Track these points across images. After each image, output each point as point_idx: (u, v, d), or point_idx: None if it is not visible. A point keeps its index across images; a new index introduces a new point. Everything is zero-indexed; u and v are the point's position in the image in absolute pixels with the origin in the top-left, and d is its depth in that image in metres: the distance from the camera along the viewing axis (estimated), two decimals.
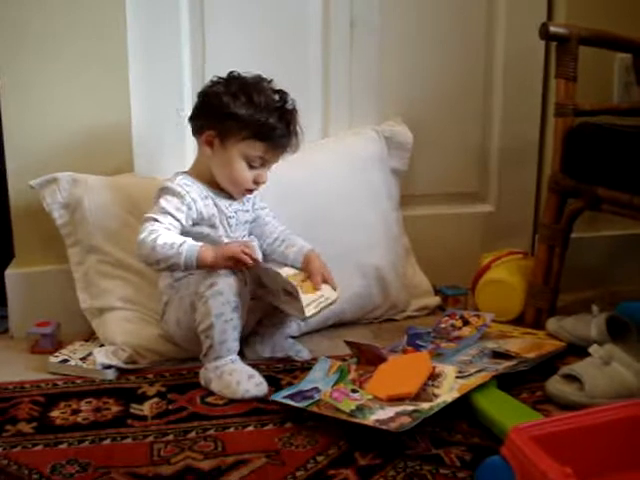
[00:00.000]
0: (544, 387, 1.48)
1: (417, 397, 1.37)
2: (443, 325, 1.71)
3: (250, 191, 1.62)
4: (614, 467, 1.06)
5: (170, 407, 1.45)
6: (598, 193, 1.67)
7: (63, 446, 1.31)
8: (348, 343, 1.56)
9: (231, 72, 1.60)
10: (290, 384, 1.53)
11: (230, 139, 1.55)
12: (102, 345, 1.67)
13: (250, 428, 1.37)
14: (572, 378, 1.47)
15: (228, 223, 1.61)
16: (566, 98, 1.74)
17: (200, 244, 1.51)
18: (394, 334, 1.69)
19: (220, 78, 1.59)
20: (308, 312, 1.52)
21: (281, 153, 1.59)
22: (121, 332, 1.65)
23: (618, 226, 2.09)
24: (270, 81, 1.60)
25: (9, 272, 1.80)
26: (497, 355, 1.57)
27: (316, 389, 1.43)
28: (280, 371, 1.60)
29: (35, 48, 1.71)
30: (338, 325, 1.81)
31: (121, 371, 1.59)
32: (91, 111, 1.76)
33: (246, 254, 1.49)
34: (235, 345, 1.53)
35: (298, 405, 1.38)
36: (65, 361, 1.61)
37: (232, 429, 1.37)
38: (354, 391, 1.40)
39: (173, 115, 1.76)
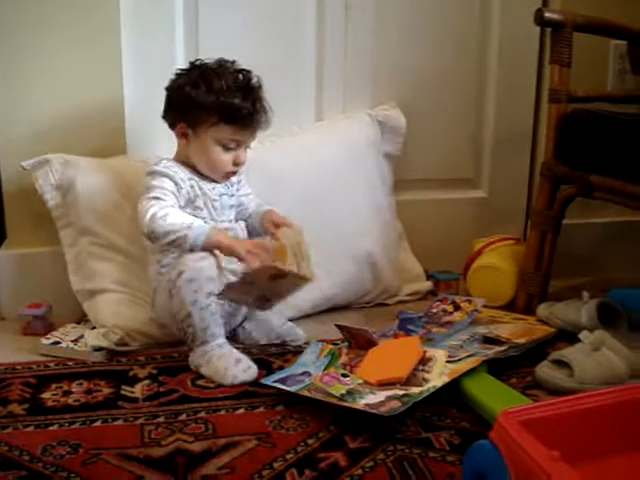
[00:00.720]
0: (534, 372, 1.48)
1: (407, 382, 1.37)
2: (434, 310, 1.72)
3: (232, 173, 1.63)
4: (602, 452, 1.07)
5: (161, 389, 1.46)
6: (591, 180, 1.68)
7: (54, 427, 1.32)
8: (339, 327, 1.57)
9: (192, 62, 1.61)
10: (281, 368, 1.54)
11: (201, 127, 1.56)
12: (94, 327, 1.66)
13: (241, 411, 1.38)
14: (561, 364, 1.48)
15: (213, 206, 1.61)
16: (560, 84, 1.74)
17: (210, 226, 1.53)
18: (386, 318, 1.69)
19: (182, 69, 1.60)
20: (307, 272, 1.52)
21: (253, 131, 1.59)
22: (112, 315, 1.65)
23: (610, 213, 2.10)
24: (233, 62, 1.60)
25: (1, 253, 1.80)
26: (488, 340, 1.58)
27: (307, 373, 1.44)
28: (272, 354, 1.60)
29: (26, 29, 1.70)
30: (330, 309, 1.82)
31: (112, 353, 1.59)
32: (83, 93, 1.75)
33: (253, 254, 1.50)
34: (219, 330, 1.52)
35: (289, 389, 1.38)
36: (56, 343, 1.61)
37: (223, 411, 1.37)
38: (345, 375, 1.41)
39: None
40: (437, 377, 1.38)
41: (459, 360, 1.45)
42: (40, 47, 1.72)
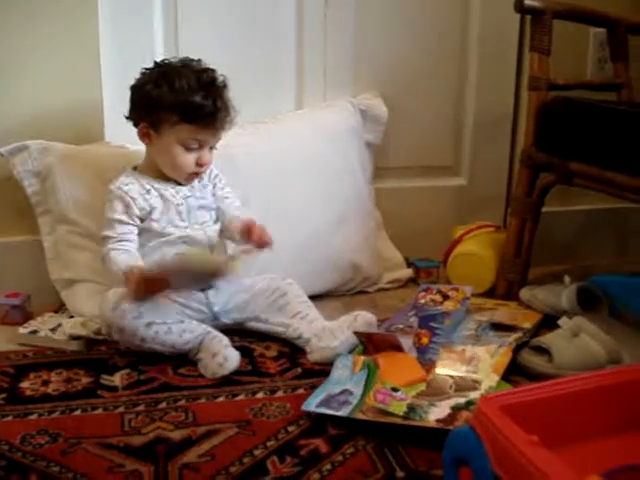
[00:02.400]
0: (514, 358, 1.49)
1: (458, 387, 1.34)
2: (422, 301, 1.68)
3: (195, 174, 1.60)
4: (581, 436, 1.08)
5: (141, 378, 1.45)
6: (570, 167, 1.68)
7: (33, 417, 1.31)
8: (356, 333, 1.51)
9: (157, 61, 1.59)
10: (262, 355, 1.54)
11: (162, 127, 1.54)
12: (72, 316, 1.66)
13: (221, 399, 1.37)
14: (541, 350, 1.49)
15: (178, 211, 1.59)
16: (540, 72, 1.75)
17: (126, 266, 1.49)
18: (366, 306, 1.69)
19: (146, 69, 1.58)
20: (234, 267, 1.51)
21: (215, 131, 1.56)
22: (89, 305, 1.64)
23: (590, 200, 2.11)
24: (198, 61, 1.58)
25: None
26: (498, 327, 1.58)
27: (348, 391, 1.33)
28: (253, 341, 1.60)
29: (3, 17, 1.67)
30: (310, 297, 1.82)
31: (92, 342, 1.58)
32: (62, 79, 1.73)
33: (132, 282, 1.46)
34: (184, 337, 1.50)
35: (339, 414, 1.28)
36: (34, 332, 1.60)
37: (203, 399, 1.37)
38: (395, 390, 1.31)
39: None
40: (487, 376, 1.36)
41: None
42: (20, 38, 1.69)
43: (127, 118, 1.59)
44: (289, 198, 1.80)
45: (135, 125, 1.58)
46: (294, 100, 1.97)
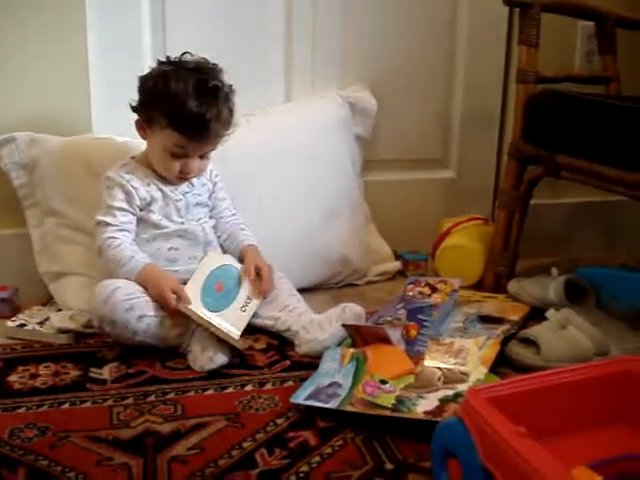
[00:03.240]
0: (502, 350, 1.50)
1: (447, 379, 1.34)
2: (410, 293, 1.69)
3: (183, 179, 1.59)
4: (569, 428, 1.08)
5: (130, 371, 1.45)
6: (558, 160, 1.69)
7: (21, 410, 1.31)
8: (345, 326, 1.50)
9: (169, 57, 1.56)
10: (250, 348, 1.54)
11: (154, 126, 1.53)
12: (60, 310, 1.65)
13: (210, 392, 1.38)
14: (529, 342, 1.50)
15: (176, 206, 1.59)
16: (528, 65, 1.75)
17: (142, 266, 1.50)
18: (354, 299, 1.69)
19: (160, 61, 1.56)
20: (236, 337, 1.49)
21: (202, 144, 1.53)
22: (78, 298, 1.64)
23: (577, 193, 2.12)
24: (213, 65, 1.54)
25: None
26: (485, 320, 1.58)
27: (336, 384, 1.33)
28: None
29: None
30: (299, 290, 1.82)
31: (80, 335, 1.58)
32: (49, 71, 1.72)
33: (174, 294, 1.47)
34: (176, 330, 1.50)
35: (328, 407, 1.28)
36: (22, 325, 1.59)
37: (192, 392, 1.37)
38: (383, 382, 1.31)
39: (132, 75, 1.74)
40: (475, 369, 1.36)
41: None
42: (7, 31, 1.68)
43: (131, 107, 1.57)
44: (278, 191, 1.80)
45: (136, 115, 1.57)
46: (283, 92, 1.97)
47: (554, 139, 1.71)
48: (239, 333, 1.50)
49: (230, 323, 1.50)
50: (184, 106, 1.48)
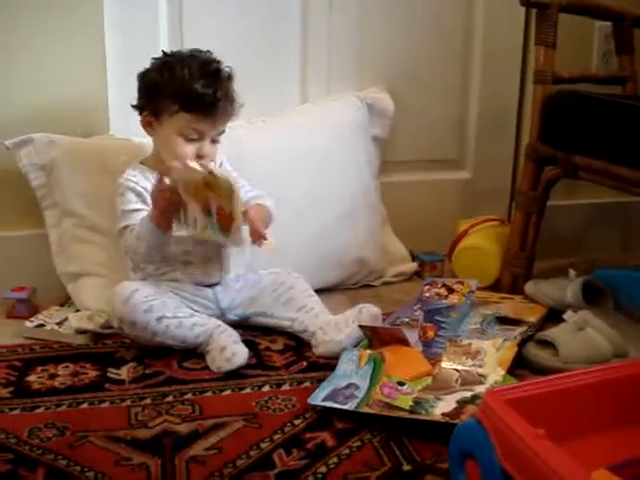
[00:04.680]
0: (520, 352, 1.49)
1: (464, 380, 1.34)
2: (427, 294, 1.69)
3: None
4: (587, 429, 1.08)
5: (147, 371, 1.46)
6: (575, 161, 1.68)
7: (40, 410, 1.31)
8: (362, 327, 1.50)
9: (165, 51, 1.59)
10: (267, 349, 1.54)
11: (163, 116, 1.53)
12: (78, 310, 1.66)
13: (227, 392, 1.38)
14: (547, 343, 1.49)
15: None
16: (545, 65, 1.74)
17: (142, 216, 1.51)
18: (371, 300, 1.69)
19: (154, 58, 1.57)
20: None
21: (215, 122, 1.54)
22: (95, 299, 1.65)
23: (595, 194, 2.11)
24: (207, 52, 1.57)
25: None
26: (503, 321, 1.58)
27: (353, 385, 1.33)
28: (258, 335, 1.60)
29: (5, 12, 1.67)
30: (315, 291, 1.82)
31: (98, 336, 1.58)
32: (67, 72, 1.73)
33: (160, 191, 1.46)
34: (195, 331, 1.50)
35: (345, 408, 1.28)
36: (41, 326, 1.60)
37: (209, 393, 1.38)
38: (401, 384, 1.31)
39: None
40: (493, 370, 1.36)
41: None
42: (25, 31, 1.69)
43: (133, 107, 1.58)
44: (295, 193, 1.80)
45: (140, 114, 1.58)
46: (299, 94, 1.97)
47: (571, 140, 1.70)
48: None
49: None
50: (192, 87, 1.50)
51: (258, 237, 1.49)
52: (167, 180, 1.46)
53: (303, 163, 1.83)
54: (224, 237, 1.46)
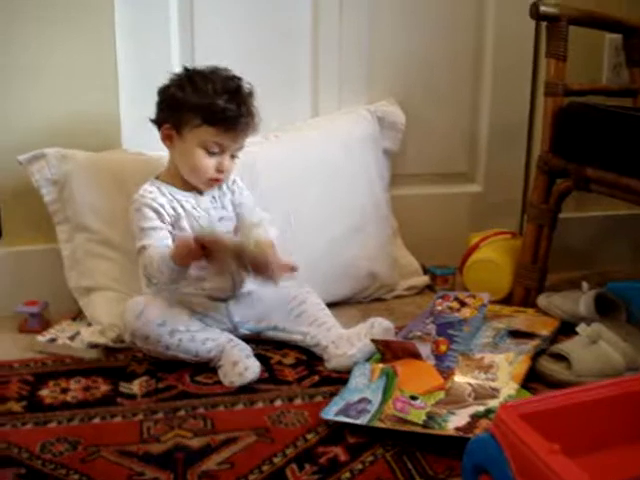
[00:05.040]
0: (533, 365, 1.48)
1: (477, 394, 1.34)
2: (439, 308, 1.68)
3: (215, 181, 1.59)
4: (602, 444, 1.07)
5: (159, 385, 1.45)
6: (587, 173, 1.68)
7: (53, 425, 1.31)
8: (374, 341, 1.50)
9: (186, 66, 1.60)
10: (279, 363, 1.54)
11: (185, 129, 1.54)
12: (90, 324, 1.66)
13: (239, 406, 1.38)
14: (560, 357, 1.48)
15: (199, 224, 1.59)
16: (556, 77, 1.74)
17: (167, 246, 1.51)
18: (382, 314, 1.69)
19: (174, 74, 1.59)
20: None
21: (237, 136, 1.56)
22: (108, 313, 1.65)
23: (606, 206, 2.10)
24: (226, 69, 1.58)
25: None
26: (515, 335, 1.57)
27: (366, 400, 1.32)
28: (270, 349, 1.60)
29: (21, 25, 1.69)
30: (327, 305, 1.81)
31: (110, 350, 1.59)
32: (79, 86, 1.74)
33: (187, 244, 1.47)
34: (207, 345, 1.50)
35: (357, 422, 1.27)
36: (53, 340, 1.61)
37: (221, 407, 1.37)
38: (413, 398, 1.31)
39: None
40: (506, 384, 1.36)
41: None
42: (37, 44, 1.71)
43: (152, 121, 1.59)
44: (307, 206, 1.80)
45: (158, 127, 1.58)
46: (309, 108, 1.97)
47: (583, 152, 1.70)
48: None
49: None
50: (217, 101, 1.52)
51: (290, 270, 1.50)
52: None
53: (314, 176, 1.83)
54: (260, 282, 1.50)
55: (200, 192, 1.61)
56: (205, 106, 1.52)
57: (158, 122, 1.58)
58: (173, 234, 1.56)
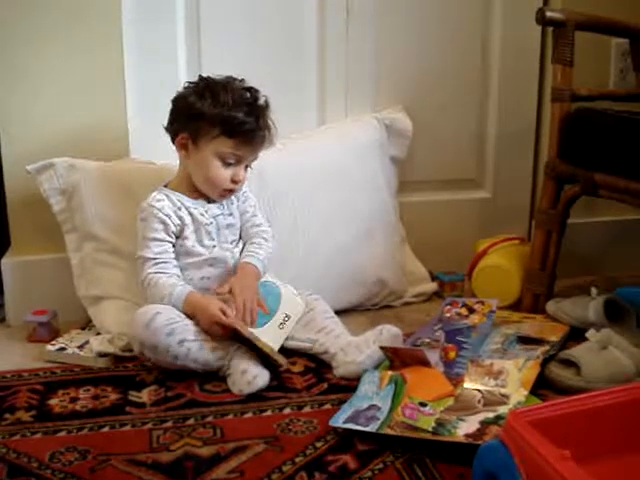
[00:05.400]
0: (542, 371, 1.48)
1: (487, 402, 1.33)
2: (448, 314, 1.68)
3: (229, 191, 1.61)
4: (612, 450, 1.07)
5: (168, 394, 1.46)
6: (595, 178, 1.67)
7: (62, 434, 1.31)
8: (382, 348, 1.50)
9: (201, 75, 1.61)
10: (288, 371, 1.54)
11: (202, 139, 1.55)
12: (99, 333, 1.67)
13: (249, 415, 1.38)
14: (569, 363, 1.48)
15: (207, 230, 1.60)
16: (563, 83, 1.74)
17: (183, 298, 1.52)
18: (391, 321, 1.69)
19: (190, 82, 1.60)
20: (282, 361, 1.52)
21: (254, 148, 1.58)
22: (116, 322, 1.66)
23: (615, 212, 2.10)
24: (241, 80, 1.59)
25: (5, 261, 1.80)
26: (524, 341, 1.57)
27: (375, 407, 1.32)
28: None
29: (29, 37, 1.70)
30: (335, 312, 1.81)
31: (119, 359, 1.59)
32: (86, 96, 1.75)
33: (223, 313, 1.50)
34: (216, 354, 1.50)
35: (367, 429, 1.27)
36: (62, 349, 1.61)
37: (231, 416, 1.37)
38: (423, 404, 1.31)
39: (168, 102, 1.76)
40: (515, 391, 1.35)
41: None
42: (46, 56, 1.72)
43: (166, 129, 1.59)
44: (315, 213, 1.81)
45: (173, 136, 1.59)
46: (316, 116, 1.98)
47: (590, 157, 1.69)
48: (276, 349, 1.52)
49: (268, 340, 1.51)
50: (236, 113, 1.53)
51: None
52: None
53: (322, 184, 1.84)
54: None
55: (208, 200, 1.62)
56: (225, 118, 1.53)
57: (172, 131, 1.59)
58: (176, 244, 1.58)
